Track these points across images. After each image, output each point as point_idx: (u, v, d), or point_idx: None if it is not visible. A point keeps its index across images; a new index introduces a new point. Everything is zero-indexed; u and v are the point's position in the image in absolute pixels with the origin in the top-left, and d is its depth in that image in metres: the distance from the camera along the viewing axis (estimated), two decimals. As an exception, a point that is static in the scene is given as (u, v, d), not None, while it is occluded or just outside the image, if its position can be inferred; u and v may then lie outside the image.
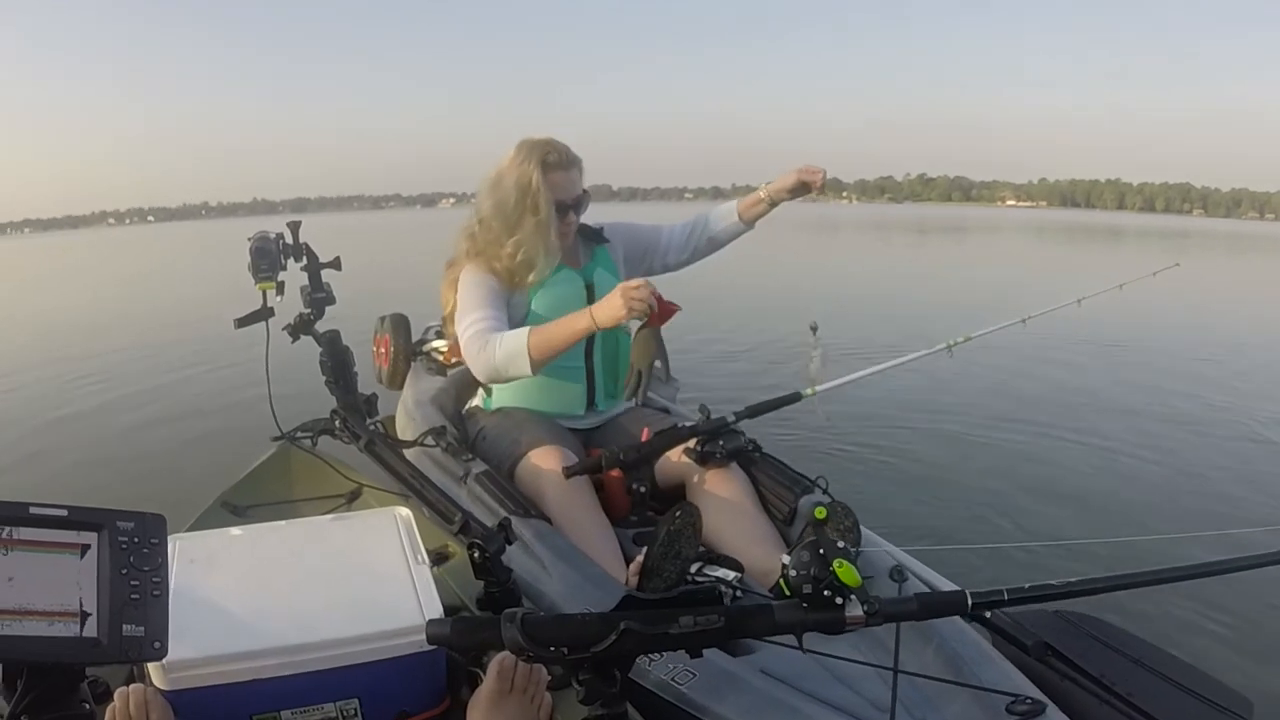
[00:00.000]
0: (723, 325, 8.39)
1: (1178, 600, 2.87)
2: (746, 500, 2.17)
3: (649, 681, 1.54)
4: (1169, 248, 29.56)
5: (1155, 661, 1.61)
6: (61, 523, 1.00)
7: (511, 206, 2.23)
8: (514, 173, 2.24)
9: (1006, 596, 1.06)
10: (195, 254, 8.76)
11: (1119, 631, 1.69)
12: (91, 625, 0.99)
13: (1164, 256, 18.50)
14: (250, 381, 2.14)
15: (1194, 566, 1.19)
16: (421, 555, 1.53)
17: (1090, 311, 3.36)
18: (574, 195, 2.29)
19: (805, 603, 0.94)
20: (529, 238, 2.23)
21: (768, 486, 2.22)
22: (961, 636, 1.62)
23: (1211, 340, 8.33)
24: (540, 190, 2.21)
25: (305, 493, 2.07)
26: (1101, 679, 1.51)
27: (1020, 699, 1.42)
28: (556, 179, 2.24)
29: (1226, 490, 4.22)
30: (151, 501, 1.16)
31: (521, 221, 2.23)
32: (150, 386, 6.63)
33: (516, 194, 2.22)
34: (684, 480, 2.24)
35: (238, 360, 6.26)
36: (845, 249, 26.85)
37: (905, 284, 12.86)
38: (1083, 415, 5.43)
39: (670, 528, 1.15)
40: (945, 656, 1.58)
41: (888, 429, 4.91)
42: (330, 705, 1.32)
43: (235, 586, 1.43)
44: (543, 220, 2.22)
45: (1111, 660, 1.59)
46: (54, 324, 10.96)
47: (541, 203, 2.21)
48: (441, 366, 3.16)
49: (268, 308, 1.96)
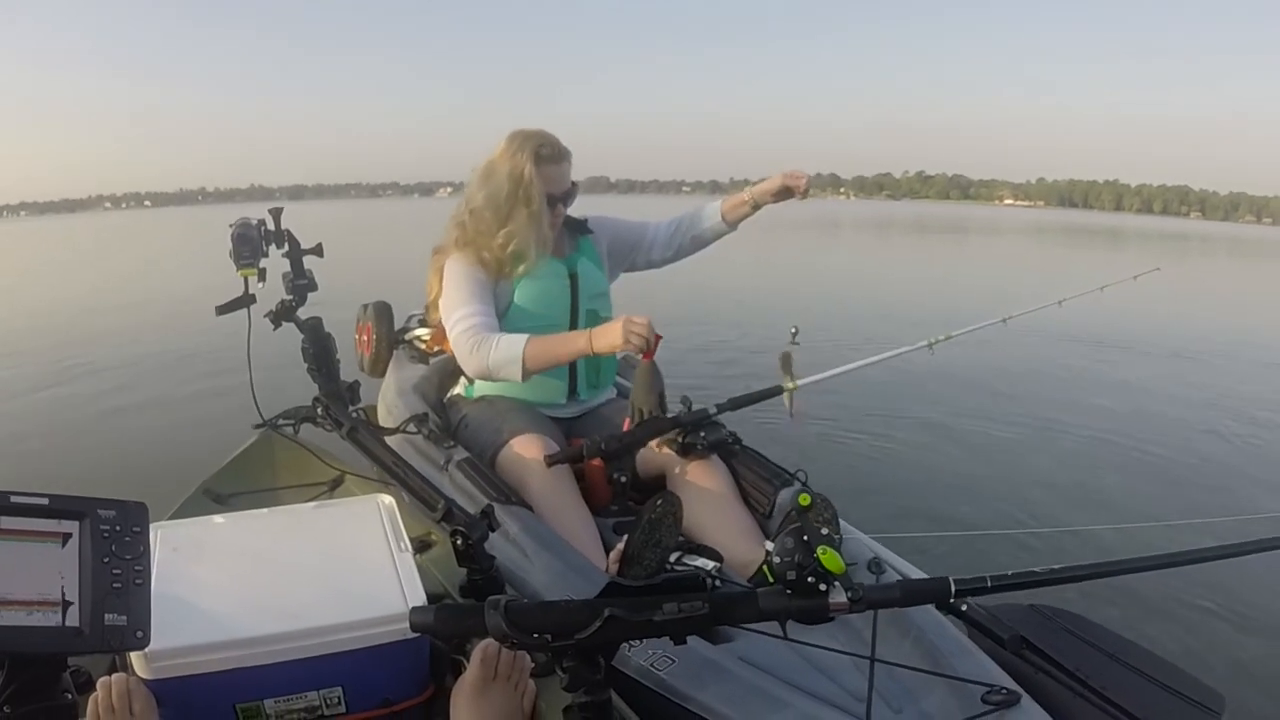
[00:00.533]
0: (708, 318, 8.39)
1: (1157, 588, 2.91)
2: (727, 492, 2.19)
3: (630, 668, 1.55)
4: (1164, 249, 29.59)
5: (1129, 656, 1.63)
6: (42, 511, 1.00)
7: (504, 198, 2.23)
8: (506, 164, 2.24)
9: (990, 584, 1.07)
10: (187, 239, 8.56)
11: (1093, 626, 1.71)
12: (73, 614, 0.98)
13: (1158, 259, 18.66)
14: (232, 369, 2.12)
15: (1174, 555, 1.21)
16: (405, 543, 1.53)
17: (1071, 313, 3.43)
18: (564, 188, 2.31)
19: (789, 589, 0.94)
20: (521, 229, 2.24)
21: (748, 479, 2.24)
22: (938, 629, 1.64)
23: (1190, 339, 8.38)
24: (533, 182, 2.22)
25: (288, 480, 2.06)
26: (1076, 672, 1.53)
27: (995, 689, 1.44)
28: (549, 172, 2.25)
29: (1199, 481, 4.27)
30: (133, 490, 1.16)
31: (514, 213, 2.24)
32: (131, 373, 6.57)
33: (509, 185, 2.23)
34: (665, 471, 2.25)
35: (219, 347, 6.21)
36: (839, 245, 26.61)
37: (896, 281, 12.74)
38: (1059, 409, 5.46)
39: (651, 515, 1.15)
40: (923, 648, 1.60)
41: (868, 423, 4.92)
42: (314, 694, 1.32)
43: (218, 575, 1.42)
44: (535, 212, 2.24)
45: (1086, 654, 1.61)
46: (35, 310, 10.83)
47: (534, 194, 2.22)
48: (423, 354, 3.16)
49: (249, 295, 1.94)
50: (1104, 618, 1.82)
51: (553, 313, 2.32)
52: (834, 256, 21.03)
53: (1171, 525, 3.25)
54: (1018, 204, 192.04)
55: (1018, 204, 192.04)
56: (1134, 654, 1.64)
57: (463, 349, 2.21)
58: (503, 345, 2.15)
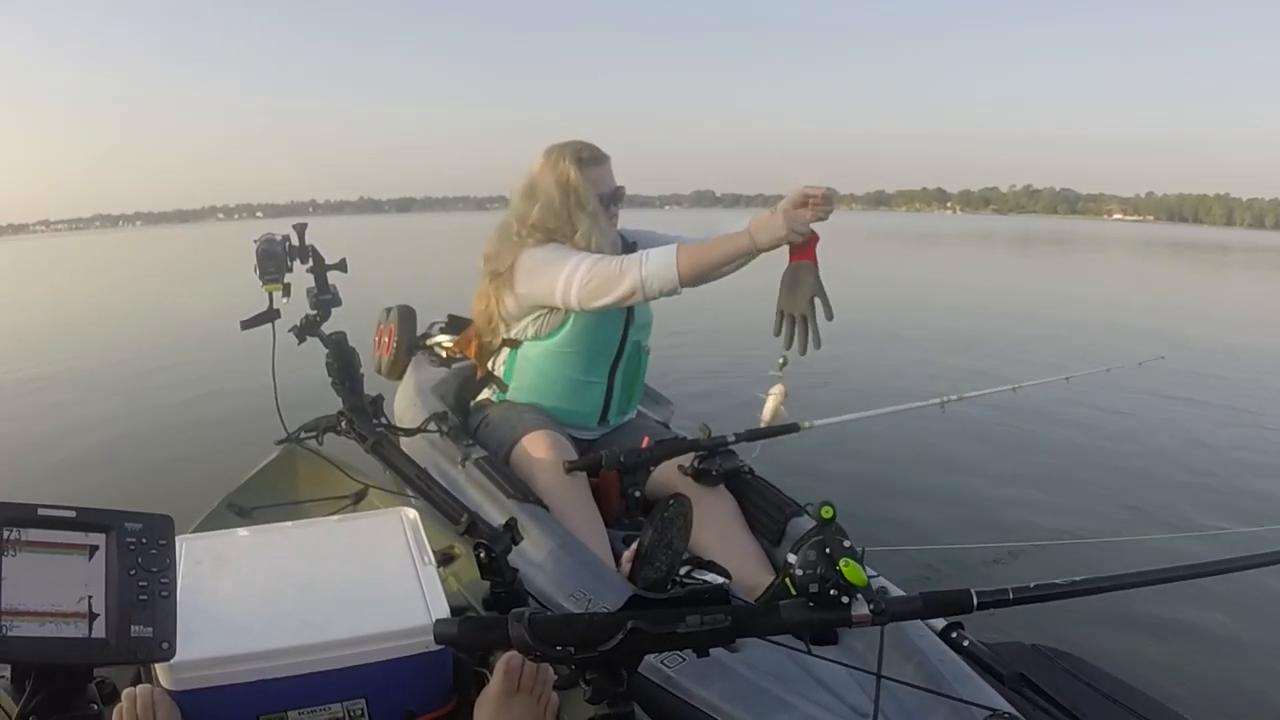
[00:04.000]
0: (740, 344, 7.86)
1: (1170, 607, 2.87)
2: (734, 521, 2.20)
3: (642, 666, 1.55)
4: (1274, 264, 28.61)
5: (1129, 699, 1.62)
6: (69, 524, 1.01)
7: (558, 206, 2.23)
8: (550, 174, 2.25)
9: (1011, 595, 1.06)
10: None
11: (1093, 668, 1.72)
12: (100, 626, 0.99)
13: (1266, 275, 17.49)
14: (257, 383, 2.14)
15: (1195, 566, 1.19)
16: (428, 555, 1.53)
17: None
18: (611, 188, 2.31)
19: (811, 602, 0.94)
20: (591, 231, 2.23)
21: (759, 507, 2.24)
22: (940, 655, 1.63)
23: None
24: (581, 185, 2.22)
25: (311, 494, 2.07)
26: (1074, 711, 1.52)
27: (997, 713, 1.42)
28: (592, 174, 2.26)
29: (1213, 496, 4.21)
30: (159, 503, 1.17)
31: (574, 219, 2.23)
32: (157, 387, 6.65)
33: (559, 194, 2.23)
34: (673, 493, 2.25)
35: (244, 362, 6.26)
36: (922, 262, 25.20)
37: (963, 313, 11.80)
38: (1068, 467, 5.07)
39: (664, 514, 1.16)
40: (925, 673, 1.59)
41: (880, 461, 4.74)
42: (337, 705, 1.32)
43: (242, 587, 1.43)
44: (593, 212, 2.24)
45: (1085, 695, 1.60)
46: (80, 323, 10.96)
47: (586, 197, 2.23)
48: (444, 360, 3.17)
49: (274, 310, 1.96)
50: (1115, 641, 1.80)
51: (599, 342, 2.32)
52: (915, 276, 19.69)
53: (1202, 536, 3.23)
54: (1126, 218, 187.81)
55: (1126, 218, 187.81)
56: (1134, 698, 1.63)
57: (602, 276, 2.11)
58: (654, 254, 2.07)
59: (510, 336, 2.38)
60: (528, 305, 2.28)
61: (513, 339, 2.37)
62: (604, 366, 2.36)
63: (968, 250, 32.31)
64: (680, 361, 6.78)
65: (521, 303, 2.29)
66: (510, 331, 2.37)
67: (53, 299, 15.82)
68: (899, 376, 6.88)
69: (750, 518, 2.23)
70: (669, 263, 2.04)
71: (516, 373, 2.38)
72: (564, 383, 2.34)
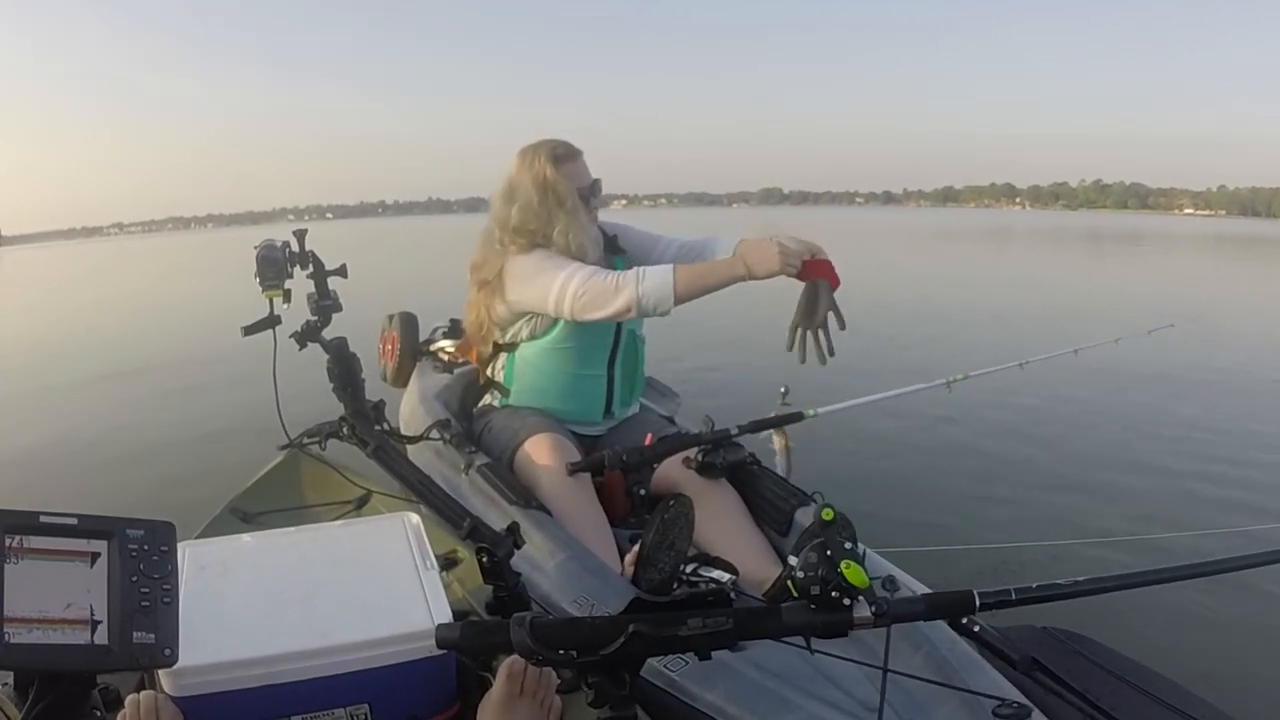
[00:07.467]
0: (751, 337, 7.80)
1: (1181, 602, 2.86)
2: (740, 515, 2.20)
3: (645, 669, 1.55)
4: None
5: (1143, 680, 1.60)
6: (71, 531, 1.01)
7: (537, 204, 2.24)
8: (526, 175, 2.26)
9: (1014, 596, 1.06)
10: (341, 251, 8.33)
11: (1106, 650, 1.70)
12: (102, 632, 0.99)
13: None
14: (258, 389, 2.14)
15: (1201, 564, 1.19)
16: (430, 560, 1.53)
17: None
18: (588, 182, 2.32)
19: (813, 604, 0.94)
20: (570, 228, 2.25)
21: (765, 498, 2.24)
22: (950, 645, 1.62)
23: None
24: (558, 182, 2.24)
25: (314, 499, 2.08)
26: (1086, 694, 1.51)
27: (1007, 703, 1.42)
28: (569, 169, 2.27)
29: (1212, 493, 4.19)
30: (161, 509, 1.17)
31: (554, 217, 2.24)
32: (158, 394, 6.65)
33: (538, 193, 2.24)
34: (679, 490, 2.25)
35: (245, 368, 6.26)
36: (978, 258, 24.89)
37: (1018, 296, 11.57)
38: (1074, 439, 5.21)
39: (665, 515, 1.16)
40: (934, 663, 1.58)
41: (886, 448, 4.81)
42: (341, 710, 1.32)
43: (245, 593, 1.43)
44: (572, 209, 2.25)
45: (1098, 677, 1.59)
46: (82, 334, 10.97)
47: (564, 193, 2.24)
48: (447, 365, 3.18)
49: (275, 316, 1.97)
50: (1124, 634, 1.79)
51: (595, 335, 2.33)
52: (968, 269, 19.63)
53: (1208, 534, 3.21)
54: (1197, 213, 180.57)
55: (1197, 213, 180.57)
56: (1147, 679, 1.61)
57: (598, 289, 2.11)
58: (651, 274, 2.09)
59: (505, 341, 2.39)
60: (519, 311, 2.30)
61: (508, 343, 2.38)
62: (602, 359, 2.36)
63: (1035, 249, 31.37)
64: (682, 353, 6.81)
65: (513, 309, 2.30)
66: (504, 336, 2.38)
67: (84, 305, 15.82)
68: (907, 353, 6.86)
69: (756, 508, 2.23)
70: (666, 282, 2.07)
71: (517, 375, 2.39)
72: (565, 379, 2.34)
